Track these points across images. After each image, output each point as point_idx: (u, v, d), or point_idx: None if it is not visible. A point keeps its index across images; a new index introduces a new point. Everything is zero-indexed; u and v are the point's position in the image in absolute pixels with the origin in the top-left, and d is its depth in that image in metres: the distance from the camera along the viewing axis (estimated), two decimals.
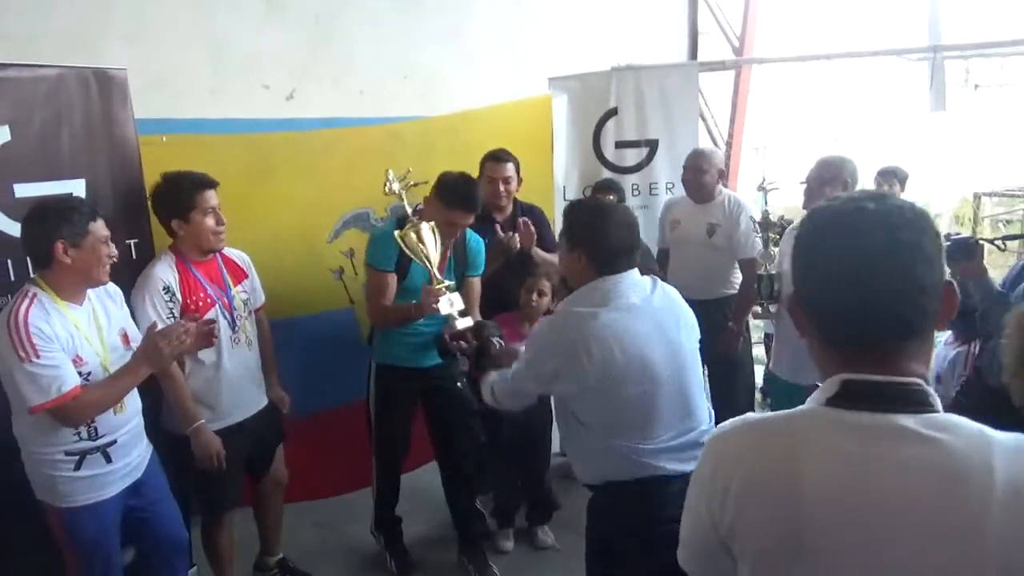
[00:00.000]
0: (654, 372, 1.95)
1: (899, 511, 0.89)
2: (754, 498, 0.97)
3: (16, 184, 2.53)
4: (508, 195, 3.41)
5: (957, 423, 0.92)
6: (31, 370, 2.06)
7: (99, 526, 2.28)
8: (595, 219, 2.06)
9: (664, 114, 4.29)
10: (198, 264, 2.67)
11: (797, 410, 1.01)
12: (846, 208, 0.99)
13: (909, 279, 0.93)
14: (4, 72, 2.50)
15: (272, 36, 3.90)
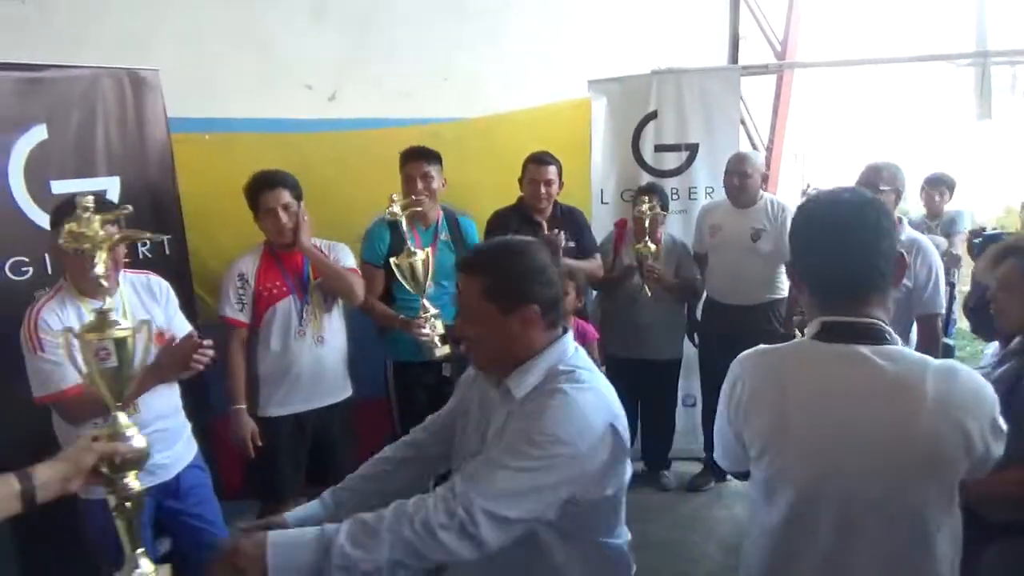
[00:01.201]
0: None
1: (855, 411, 1.28)
2: (756, 405, 1.39)
3: (53, 181, 2.55)
4: (549, 198, 3.38)
5: (903, 353, 1.31)
6: (35, 363, 2.10)
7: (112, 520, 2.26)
8: (529, 258, 1.48)
9: (705, 118, 4.18)
10: (283, 255, 2.78)
11: (791, 343, 1.48)
12: (829, 198, 1.42)
13: (870, 246, 1.33)
14: (42, 73, 2.55)
15: (316, 37, 3.91)
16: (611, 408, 1.44)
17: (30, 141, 2.49)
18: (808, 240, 1.40)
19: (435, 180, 3.11)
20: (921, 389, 1.25)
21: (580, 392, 1.40)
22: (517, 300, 1.44)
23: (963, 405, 1.25)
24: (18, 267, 2.49)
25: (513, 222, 3.44)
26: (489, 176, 3.79)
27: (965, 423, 1.24)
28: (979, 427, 1.25)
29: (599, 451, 1.38)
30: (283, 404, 2.80)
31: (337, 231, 3.10)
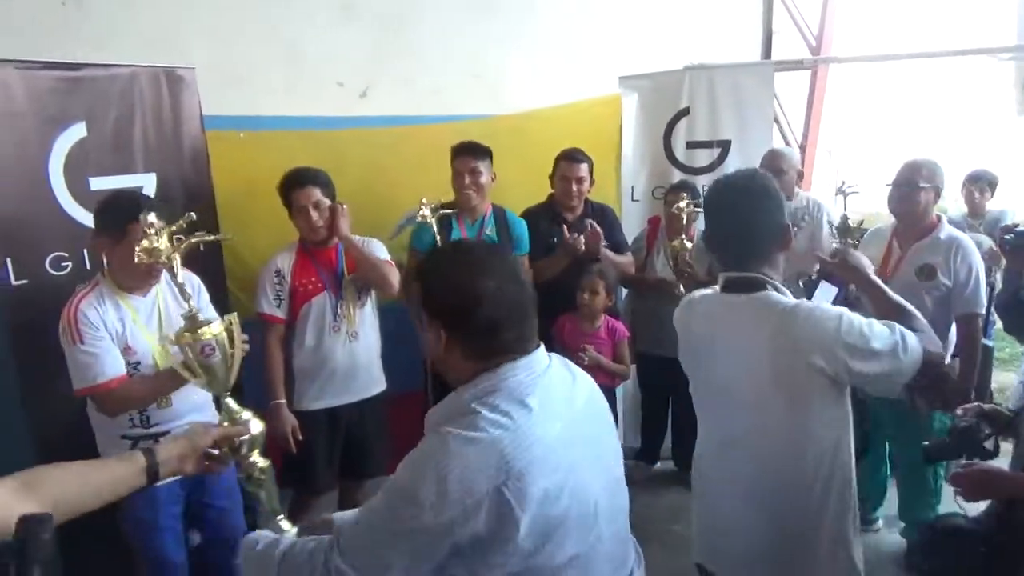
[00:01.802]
0: (595, 518, 1.25)
1: (733, 337, 1.73)
2: (680, 334, 1.90)
3: (91, 178, 2.59)
4: (580, 195, 3.38)
5: (769, 297, 1.69)
6: (75, 355, 2.14)
7: (151, 509, 2.34)
8: (458, 276, 1.25)
9: (738, 114, 4.13)
10: (317, 251, 2.83)
11: (702, 292, 1.89)
12: (724, 181, 1.82)
13: (755, 218, 1.72)
14: (81, 71, 2.59)
15: (347, 35, 3.91)
16: (508, 466, 1.13)
17: (70, 139, 2.53)
18: (710, 219, 1.82)
19: (483, 175, 3.15)
20: (772, 321, 1.65)
21: (465, 445, 1.14)
22: (429, 314, 1.27)
23: (801, 338, 1.62)
24: (58, 262, 2.53)
25: (543, 220, 3.43)
26: (519, 174, 3.77)
27: (805, 353, 1.62)
28: (821, 352, 1.61)
29: (470, 520, 1.12)
30: (318, 398, 2.84)
31: (368, 227, 3.11)
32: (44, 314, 2.46)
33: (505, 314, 1.23)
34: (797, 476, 1.71)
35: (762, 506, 1.74)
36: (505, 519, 1.13)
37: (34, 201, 2.47)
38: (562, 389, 1.29)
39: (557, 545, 1.19)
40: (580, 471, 1.23)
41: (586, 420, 1.31)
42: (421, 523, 1.13)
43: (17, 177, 2.43)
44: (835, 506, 1.73)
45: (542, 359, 1.29)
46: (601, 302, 3.22)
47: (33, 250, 2.48)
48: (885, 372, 1.62)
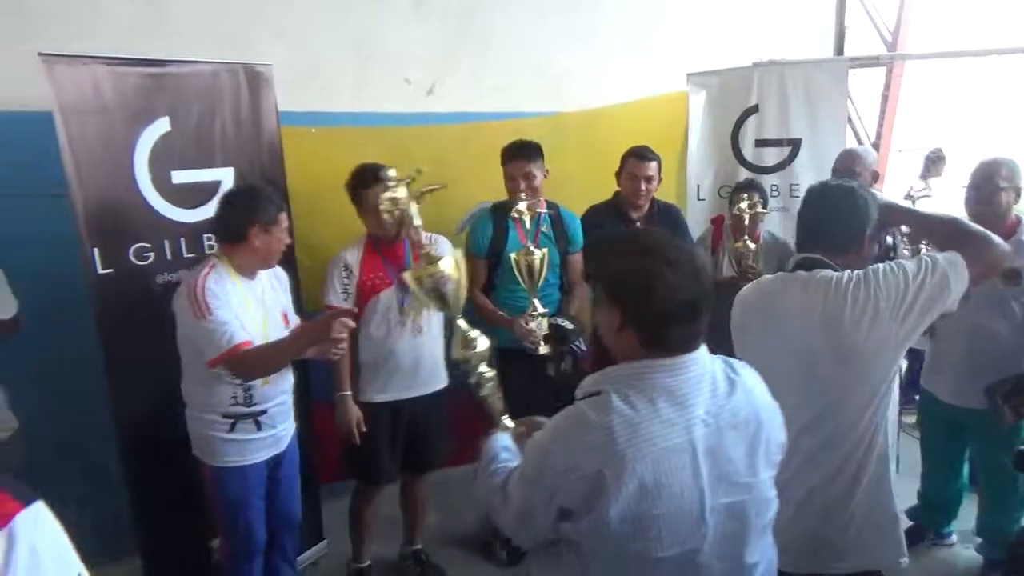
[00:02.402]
0: (703, 532, 1.27)
1: (786, 308, 1.82)
2: (734, 318, 1.94)
3: (173, 172, 2.68)
4: (648, 194, 3.33)
5: (825, 274, 1.80)
6: (206, 326, 2.24)
7: (243, 487, 2.47)
8: (641, 263, 1.31)
9: (809, 112, 4.02)
10: (385, 247, 2.85)
11: (779, 274, 1.95)
12: (822, 184, 2.01)
13: (839, 213, 1.88)
14: (166, 68, 2.67)
15: (415, 32, 3.95)
16: (613, 452, 1.21)
17: (154, 134, 2.61)
18: (804, 203, 1.96)
19: (537, 177, 3.10)
20: (828, 293, 1.77)
21: (584, 420, 1.26)
22: (608, 297, 1.35)
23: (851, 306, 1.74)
24: (140, 252, 2.62)
25: (608, 219, 3.40)
26: (584, 171, 3.76)
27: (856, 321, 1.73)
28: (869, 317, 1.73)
29: (570, 489, 1.24)
30: (382, 391, 2.88)
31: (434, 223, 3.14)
32: (127, 301, 2.59)
33: (675, 311, 1.28)
34: (842, 448, 1.79)
35: (805, 479, 1.79)
36: (599, 499, 1.22)
37: (120, 193, 2.56)
38: (709, 401, 1.30)
39: (653, 540, 1.24)
40: (689, 482, 1.25)
41: (726, 437, 1.30)
42: (541, 477, 1.29)
43: (105, 170, 2.52)
44: (871, 481, 1.81)
45: (698, 363, 1.32)
46: None
47: (118, 240, 2.57)
48: (931, 303, 1.75)
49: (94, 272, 2.51)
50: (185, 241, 2.73)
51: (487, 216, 3.18)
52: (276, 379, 2.47)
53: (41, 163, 2.57)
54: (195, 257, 2.73)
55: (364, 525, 3.07)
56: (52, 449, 2.75)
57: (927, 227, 2.09)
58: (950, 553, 3.30)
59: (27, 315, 2.63)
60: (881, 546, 1.86)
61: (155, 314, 2.56)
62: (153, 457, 2.61)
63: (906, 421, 3.91)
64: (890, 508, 1.89)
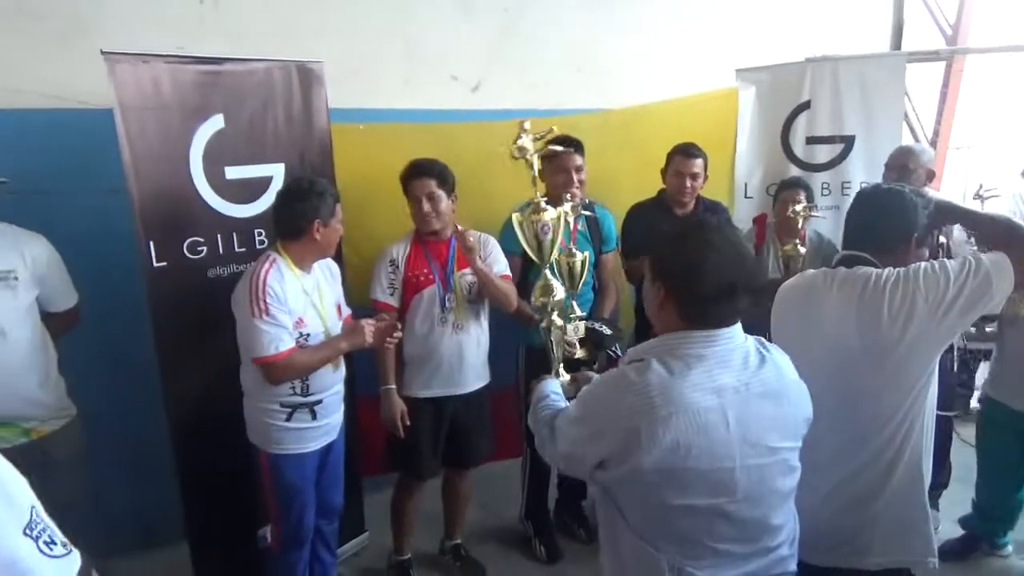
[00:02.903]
0: (732, 487, 1.39)
1: (825, 304, 1.85)
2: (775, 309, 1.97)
3: (227, 167, 2.73)
4: (693, 191, 3.30)
5: (864, 270, 1.84)
6: (260, 325, 2.31)
7: (299, 474, 2.54)
8: (688, 241, 1.45)
9: (863, 108, 3.93)
10: (431, 243, 2.87)
11: (822, 269, 1.95)
12: (872, 186, 2.08)
13: (887, 212, 1.90)
14: (221, 66, 2.71)
15: (462, 29, 3.97)
16: (650, 411, 1.35)
17: (209, 130, 2.66)
18: (855, 201, 2.01)
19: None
20: (870, 286, 1.79)
21: (625, 381, 1.42)
22: (654, 273, 1.49)
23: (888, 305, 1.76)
24: (194, 247, 2.68)
25: (653, 215, 3.37)
26: (630, 168, 3.74)
27: (892, 320, 1.76)
28: (905, 318, 1.75)
29: (606, 440, 1.41)
30: (425, 387, 2.90)
31: (480, 219, 3.16)
32: (180, 293, 2.65)
33: (712, 292, 1.39)
34: (871, 445, 1.80)
35: (833, 472, 1.81)
36: (634, 451, 1.35)
37: (176, 188, 2.62)
38: (740, 370, 1.42)
39: (680, 489, 1.37)
40: (719, 441, 1.37)
41: (754, 404, 1.41)
42: (586, 420, 1.47)
43: (162, 166, 2.58)
44: (901, 480, 1.81)
45: (733, 338, 1.44)
46: None
47: (173, 234, 2.63)
48: (972, 303, 1.73)
49: (150, 265, 2.57)
50: (237, 236, 2.78)
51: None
52: (330, 370, 2.53)
53: (100, 159, 2.65)
54: (246, 252, 2.79)
55: (405, 518, 3.10)
56: (108, 436, 2.83)
57: (978, 226, 2.07)
58: (1004, 564, 3.20)
59: (87, 307, 2.71)
60: (911, 543, 1.84)
61: (207, 307, 2.63)
62: (204, 446, 2.67)
63: (957, 428, 3.79)
64: (921, 506, 1.86)
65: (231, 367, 2.53)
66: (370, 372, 2.90)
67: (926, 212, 1.90)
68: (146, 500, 3.10)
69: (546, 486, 3.40)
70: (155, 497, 2.95)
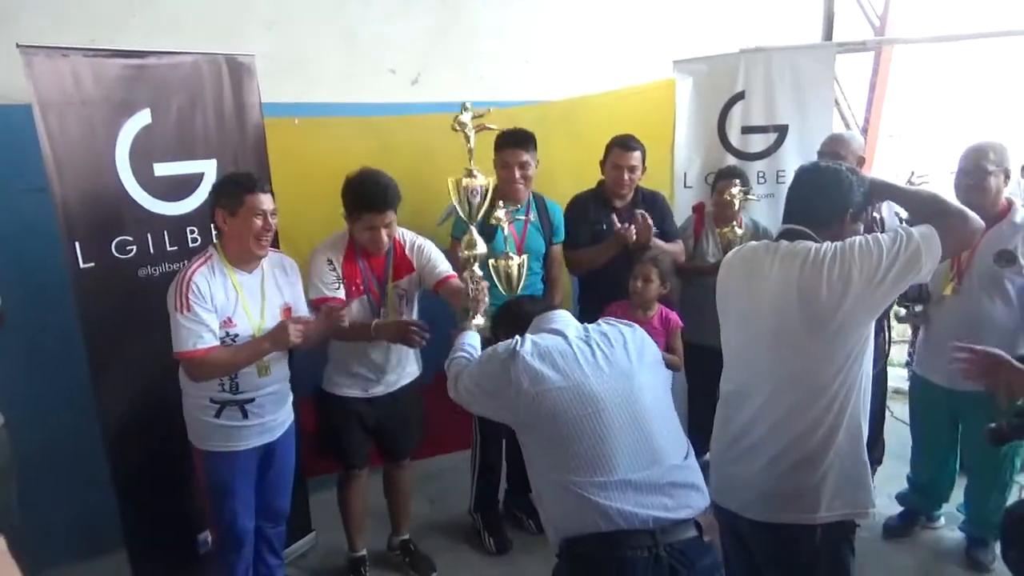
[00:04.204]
0: (593, 395, 1.76)
1: (766, 275, 1.96)
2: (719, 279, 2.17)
3: (155, 164, 2.66)
4: (631, 183, 3.34)
5: (804, 244, 1.92)
6: (180, 321, 2.27)
7: (230, 473, 2.48)
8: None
9: (796, 98, 4.02)
10: (368, 254, 2.79)
11: (763, 242, 2.07)
12: (811, 163, 2.17)
13: (825, 189, 1.98)
14: (146, 60, 2.64)
15: (400, 21, 3.93)
16: (513, 354, 1.83)
17: (135, 125, 2.59)
18: (795, 179, 2.09)
19: (531, 167, 3.10)
20: (806, 259, 1.88)
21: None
22: None
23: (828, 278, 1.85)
24: (123, 246, 2.61)
25: (592, 207, 3.41)
26: (570, 159, 3.75)
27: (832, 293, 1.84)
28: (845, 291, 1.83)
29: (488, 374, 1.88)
30: (350, 387, 2.86)
31: (419, 215, 3.15)
32: (110, 295, 2.58)
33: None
34: (811, 412, 1.89)
35: (778, 436, 1.92)
36: (508, 370, 1.80)
37: (102, 186, 2.54)
38: (575, 329, 1.96)
39: (554, 405, 1.76)
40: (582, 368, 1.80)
41: (598, 343, 1.88)
42: (483, 367, 1.92)
43: (86, 163, 2.50)
44: (842, 442, 1.90)
45: (561, 315, 2.06)
46: (654, 290, 3.16)
47: (100, 234, 2.56)
48: (903, 274, 1.84)
49: (76, 266, 2.50)
50: (168, 234, 2.72)
51: None
52: (272, 368, 2.49)
53: (22, 156, 2.55)
54: (178, 250, 2.73)
55: (352, 513, 3.08)
56: (37, 443, 2.74)
57: (908, 202, 2.17)
58: (936, 535, 3.33)
59: (10, 310, 2.61)
60: (855, 496, 1.94)
61: (138, 307, 2.57)
62: (139, 449, 2.61)
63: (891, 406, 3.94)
64: (863, 461, 1.96)
65: (165, 368, 2.47)
66: (310, 373, 2.86)
67: (861, 190, 1.99)
68: (82, 507, 3.01)
69: (496, 479, 3.41)
70: (91, 503, 2.87)
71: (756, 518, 1.95)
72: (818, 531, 1.91)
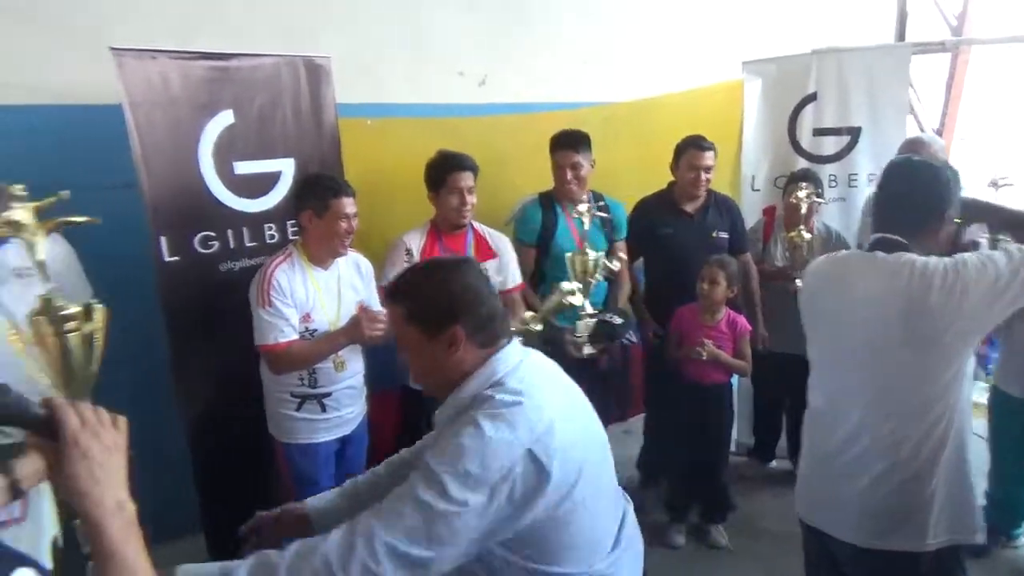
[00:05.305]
0: (596, 460, 1.45)
1: (865, 290, 1.83)
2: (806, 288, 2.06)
3: (236, 162, 2.74)
4: (706, 184, 3.31)
5: (908, 257, 1.78)
6: (262, 315, 2.37)
7: (312, 465, 2.57)
8: (443, 275, 1.45)
9: (869, 100, 3.93)
10: (447, 235, 2.88)
11: (856, 251, 2.07)
12: (905, 158, 2.05)
13: (920, 190, 1.85)
14: (230, 62, 2.72)
15: (469, 23, 3.96)
16: (532, 431, 1.30)
17: (218, 125, 2.68)
18: (883, 177, 1.94)
19: (584, 167, 3.09)
20: (910, 274, 1.74)
21: (493, 421, 1.29)
22: (438, 323, 1.40)
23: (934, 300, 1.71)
24: (205, 241, 2.70)
25: (657, 211, 3.38)
26: (636, 162, 3.74)
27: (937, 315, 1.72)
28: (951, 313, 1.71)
29: (506, 486, 1.26)
30: None
31: (486, 214, 3.17)
32: (192, 288, 2.67)
33: (496, 304, 1.46)
34: (915, 429, 1.78)
35: (881, 455, 1.81)
36: (539, 474, 1.29)
37: (186, 183, 2.63)
38: (546, 364, 1.53)
39: (576, 488, 1.34)
40: (578, 425, 1.43)
41: (570, 388, 1.53)
42: (473, 494, 1.24)
43: (171, 160, 2.59)
44: (948, 460, 1.79)
45: (519, 344, 1.50)
46: (721, 293, 3.13)
47: (184, 229, 2.65)
48: (1019, 294, 1.72)
49: (161, 260, 2.60)
50: (247, 230, 2.80)
51: (535, 205, 3.19)
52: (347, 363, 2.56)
53: (111, 154, 2.66)
54: (257, 246, 2.80)
55: None
56: None
57: (1008, 222, 2.05)
58: (1017, 553, 3.20)
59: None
60: (963, 520, 1.84)
61: (218, 301, 2.65)
62: (218, 438, 2.69)
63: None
64: (970, 483, 1.86)
65: (243, 360, 2.55)
66: (383, 368, 2.90)
67: (959, 189, 1.86)
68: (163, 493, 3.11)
69: None
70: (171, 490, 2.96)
71: (859, 544, 1.84)
72: (927, 558, 1.81)
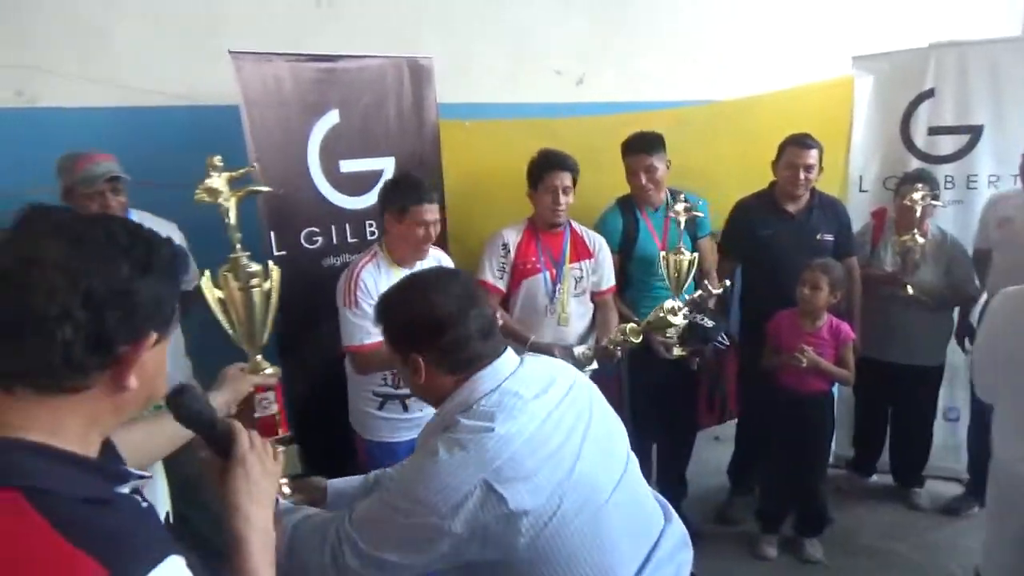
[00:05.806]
0: (593, 482, 1.32)
1: None
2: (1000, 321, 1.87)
3: (341, 160, 2.83)
4: (807, 183, 3.17)
5: None
6: (348, 316, 2.40)
7: (389, 462, 2.52)
8: (409, 299, 1.43)
9: (993, 96, 3.67)
10: (544, 233, 2.89)
11: None
12: None
13: None
14: (337, 63, 2.82)
15: (565, 22, 3.96)
16: (491, 460, 1.23)
17: (325, 125, 2.78)
18: None
19: (659, 169, 3.05)
20: None
21: (450, 448, 1.26)
22: (401, 349, 1.40)
23: None
24: (311, 236, 2.81)
25: (757, 211, 3.27)
26: (739, 161, 3.63)
27: None
28: None
29: (460, 514, 1.21)
30: None
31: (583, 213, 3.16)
32: (297, 283, 2.75)
33: (470, 327, 1.35)
34: None
35: None
36: (499, 504, 1.22)
37: (294, 181, 2.75)
38: (540, 380, 1.39)
39: (556, 517, 1.25)
40: (568, 449, 1.31)
41: (571, 404, 1.39)
42: (427, 519, 1.23)
43: (282, 159, 2.71)
44: None
45: (510, 359, 1.40)
46: (824, 299, 3.00)
47: (292, 225, 2.77)
48: None
49: (271, 254, 2.71)
50: (349, 227, 2.89)
51: (615, 211, 3.16)
52: None
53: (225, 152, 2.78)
54: (358, 242, 2.89)
55: None
56: None
57: None
58: None
59: None
60: None
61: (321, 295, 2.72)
62: (319, 430, 2.77)
63: None
64: None
65: (341, 354, 2.61)
66: None
67: None
68: None
69: None
70: None
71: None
72: None
